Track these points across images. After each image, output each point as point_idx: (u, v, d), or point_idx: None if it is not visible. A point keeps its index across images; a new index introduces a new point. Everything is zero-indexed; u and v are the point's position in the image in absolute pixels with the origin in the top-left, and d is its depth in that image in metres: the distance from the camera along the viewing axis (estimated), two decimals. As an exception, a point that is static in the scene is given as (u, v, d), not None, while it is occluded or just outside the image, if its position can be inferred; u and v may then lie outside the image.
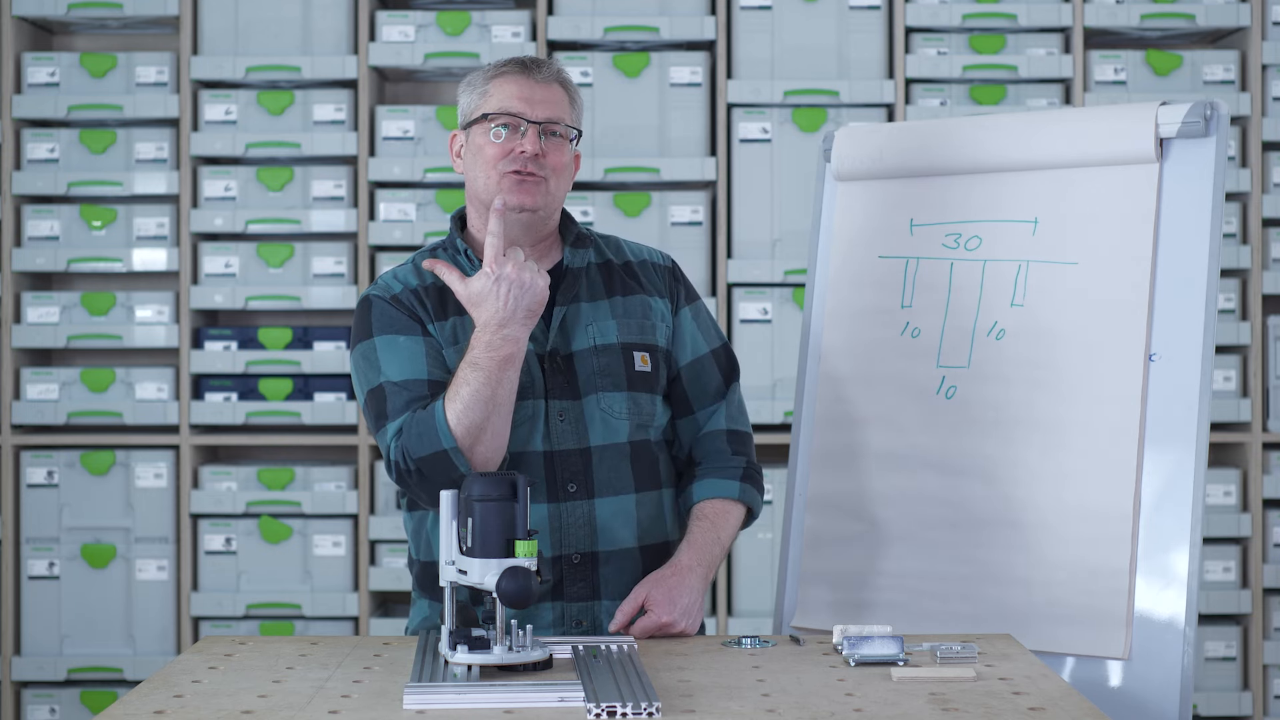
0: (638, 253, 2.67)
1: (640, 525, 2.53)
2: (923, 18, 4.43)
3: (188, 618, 4.41)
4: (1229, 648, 4.39)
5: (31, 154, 4.49)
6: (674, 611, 2.42)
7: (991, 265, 2.77)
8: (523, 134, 2.49)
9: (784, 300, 4.40)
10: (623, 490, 2.52)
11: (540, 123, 2.50)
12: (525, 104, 2.50)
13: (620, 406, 2.52)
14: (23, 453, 4.45)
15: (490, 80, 2.54)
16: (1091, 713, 1.95)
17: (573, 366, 2.52)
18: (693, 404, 2.63)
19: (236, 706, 1.98)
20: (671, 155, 4.44)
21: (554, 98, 2.53)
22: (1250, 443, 4.38)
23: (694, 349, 2.63)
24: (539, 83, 2.52)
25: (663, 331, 2.60)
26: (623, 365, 2.53)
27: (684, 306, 2.65)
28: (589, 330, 2.54)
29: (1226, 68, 4.46)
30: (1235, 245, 4.40)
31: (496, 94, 2.52)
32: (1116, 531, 2.57)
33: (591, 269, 2.60)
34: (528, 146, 2.48)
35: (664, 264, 2.67)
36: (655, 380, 2.57)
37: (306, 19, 4.47)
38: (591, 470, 2.50)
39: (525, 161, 2.48)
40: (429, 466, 2.35)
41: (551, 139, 2.51)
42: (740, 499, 2.60)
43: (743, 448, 2.65)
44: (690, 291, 2.68)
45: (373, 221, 4.44)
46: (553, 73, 2.55)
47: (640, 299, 2.59)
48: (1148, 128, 2.62)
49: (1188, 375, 2.56)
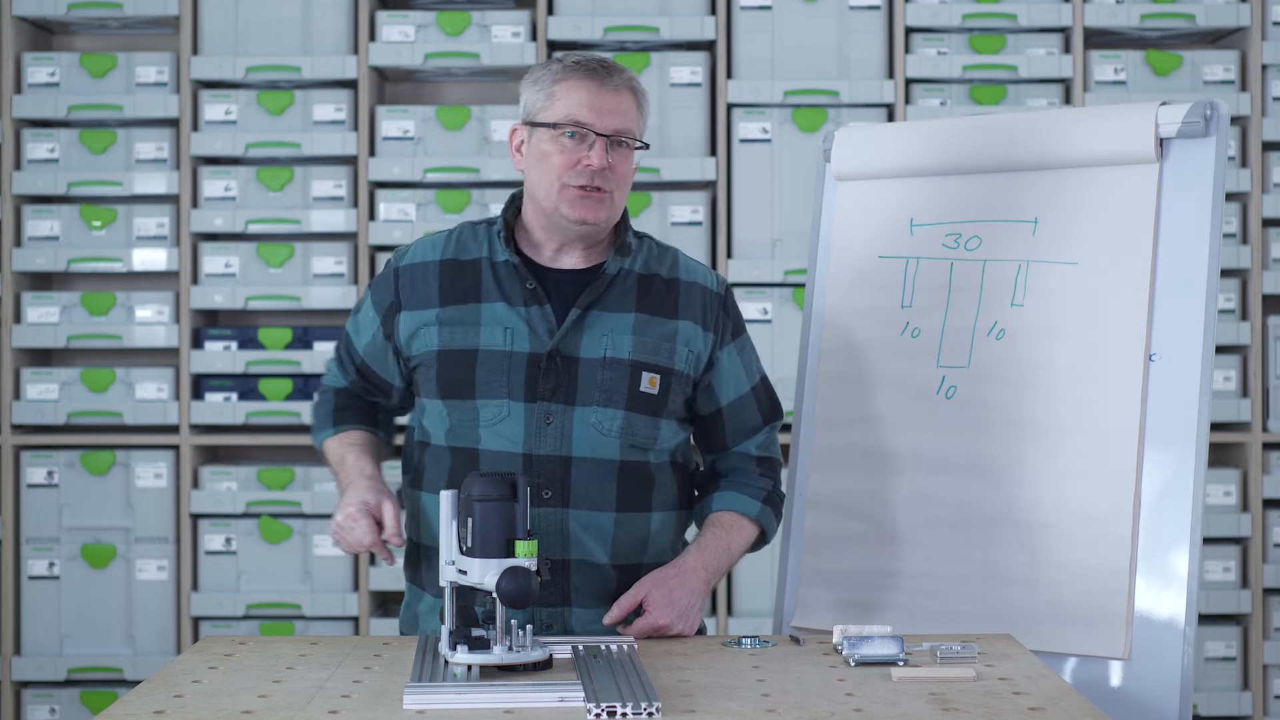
0: (691, 272, 2.57)
1: (616, 544, 2.48)
2: (923, 18, 4.43)
3: (188, 618, 4.41)
4: (1229, 648, 4.39)
5: (31, 154, 4.49)
6: (670, 614, 2.40)
7: (991, 265, 2.77)
8: (590, 146, 2.41)
9: (784, 300, 4.40)
10: (601, 507, 2.47)
11: (609, 135, 2.41)
12: (594, 113, 2.41)
13: (613, 424, 2.46)
14: (23, 453, 4.45)
15: (558, 82, 2.44)
16: (1091, 713, 1.95)
17: (575, 372, 2.46)
18: (728, 440, 2.61)
19: (236, 706, 1.98)
20: (671, 155, 4.44)
21: (623, 107, 2.43)
22: (1250, 443, 4.38)
23: (737, 387, 2.58)
24: (609, 90, 2.42)
25: (684, 357, 2.51)
26: (627, 383, 2.46)
27: (730, 343, 2.57)
28: (603, 340, 2.47)
29: (1226, 68, 4.46)
30: (1235, 245, 4.40)
31: (564, 99, 2.43)
32: (1116, 531, 2.57)
33: (630, 278, 2.52)
34: (595, 160, 2.40)
35: (716, 290, 2.58)
36: (661, 404, 2.49)
37: (306, 19, 4.48)
38: (570, 480, 2.45)
39: (592, 176, 2.41)
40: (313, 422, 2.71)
41: (618, 149, 2.43)
42: (757, 519, 2.57)
43: (770, 472, 2.62)
44: (738, 325, 2.60)
45: (373, 221, 4.44)
46: (624, 80, 2.45)
47: (666, 321, 2.51)
48: (1148, 128, 2.62)
49: (1188, 375, 2.56)
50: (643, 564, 2.51)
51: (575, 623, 2.48)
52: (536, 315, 2.47)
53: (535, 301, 2.47)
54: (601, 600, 2.48)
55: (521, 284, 2.48)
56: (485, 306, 2.48)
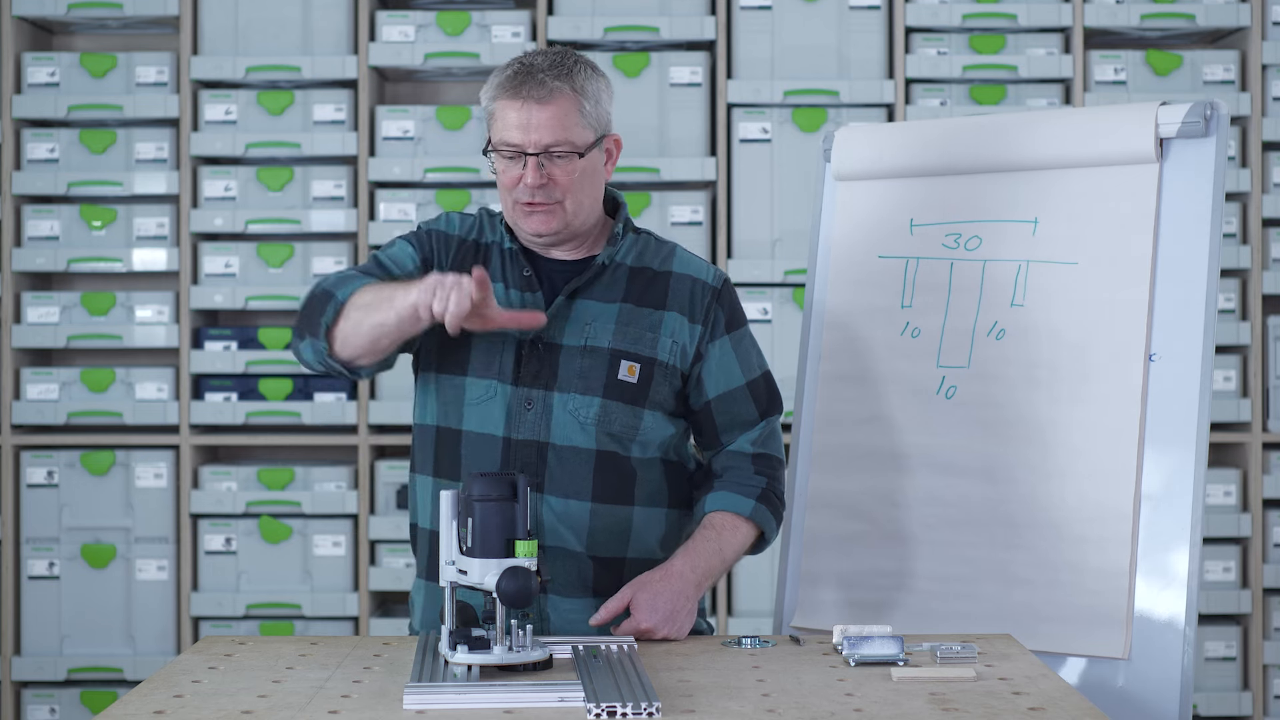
0: (685, 265, 2.58)
1: (593, 534, 2.48)
2: (923, 18, 4.43)
3: (188, 618, 4.41)
4: (1229, 648, 4.39)
5: (31, 154, 4.49)
6: (654, 618, 2.39)
7: (991, 265, 2.77)
8: (524, 164, 2.44)
9: (784, 300, 4.40)
10: (577, 495, 2.47)
11: (539, 153, 2.44)
12: (523, 132, 2.43)
13: (589, 412, 2.48)
14: (23, 453, 4.45)
15: (494, 100, 2.47)
16: (1091, 713, 1.95)
17: (555, 359, 2.49)
18: (720, 436, 2.59)
19: (236, 706, 1.98)
20: (671, 155, 4.44)
21: (553, 116, 2.43)
22: (1250, 443, 4.38)
23: (727, 380, 2.57)
24: (538, 104, 2.43)
25: (668, 348, 2.52)
26: (605, 371, 2.49)
27: (722, 335, 2.57)
28: (585, 329, 2.50)
29: (1226, 68, 4.46)
30: (1235, 245, 4.40)
31: (499, 119, 2.46)
32: (1116, 531, 2.57)
33: (620, 269, 2.54)
34: (529, 178, 2.44)
35: (710, 283, 2.58)
36: (642, 393, 2.50)
37: (306, 19, 4.48)
38: (547, 467, 2.47)
39: (531, 193, 2.45)
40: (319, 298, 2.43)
41: (556, 161, 2.45)
42: (751, 518, 2.54)
43: (766, 469, 2.59)
44: (734, 319, 2.59)
45: (373, 221, 4.44)
46: (549, 89, 2.43)
47: (652, 311, 2.53)
48: (1148, 128, 2.62)
49: (1188, 375, 2.56)
50: (625, 558, 2.51)
51: (551, 610, 2.49)
52: (527, 301, 2.51)
53: (529, 288, 2.52)
54: (578, 590, 2.49)
55: (519, 270, 2.53)
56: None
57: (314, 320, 2.41)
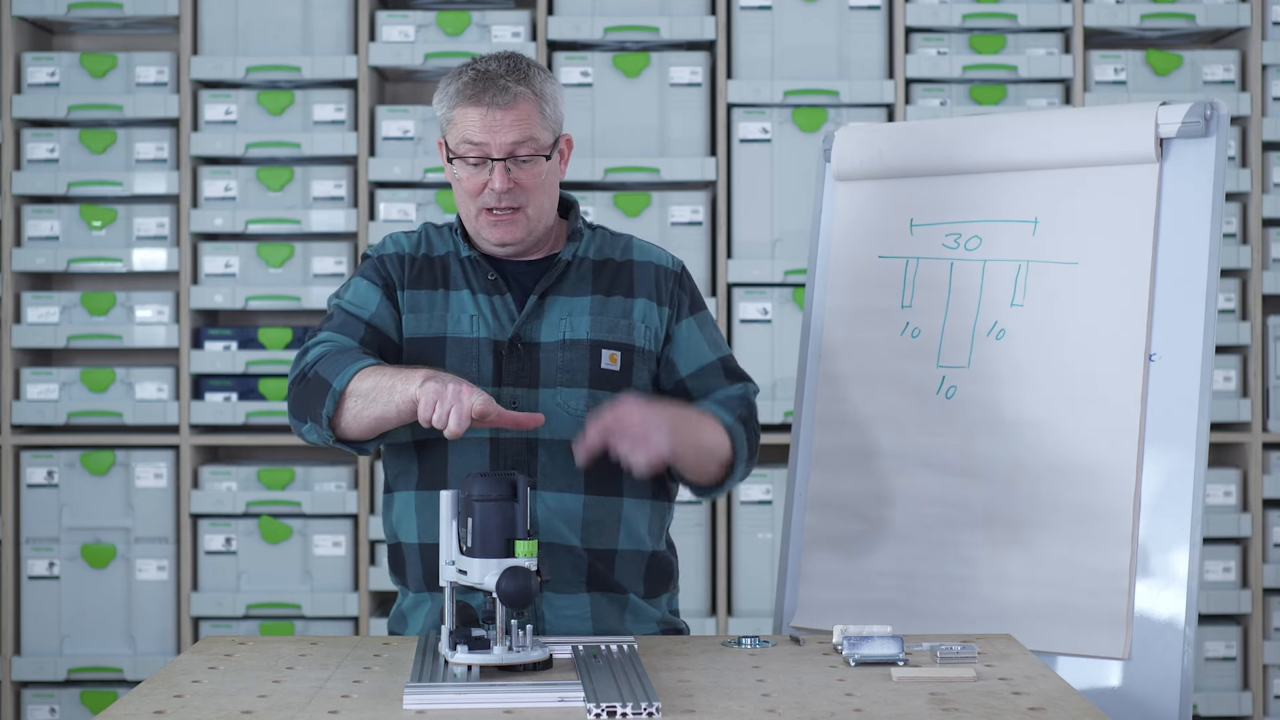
0: (645, 253, 2.64)
1: (587, 527, 2.50)
2: (923, 18, 4.43)
3: (188, 618, 4.41)
4: (1229, 648, 4.39)
5: (31, 154, 4.49)
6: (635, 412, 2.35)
7: (991, 265, 2.77)
8: (491, 169, 2.46)
9: (784, 300, 4.40)
10: (569, 488, 2.49)
11: (505, 157, 2.45)
12: (488, 134, 2.45)
13: (579, 404, 2.50)
14: (23, 453, 4.45)
15: (454, 107, 2.48)
16: (1091, 713, 1.95)
17: (536, 357, 2.51)
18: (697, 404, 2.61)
19: (236, 706, 1.98)
20: (671, 155, 4.44)
21: (517, 118, 2.46)
22: (1250, 443, 4.38)
23: (698, 357, 2.60)
24: (501, 108, 2.45)
25: (642, 333, 2.57)
26: (588, 362, 2.52)
27: (687, 316, 2.62)
28: (561, 324, 2.53)
29: (1226, 68, 4.46)
30: (1235, 245, 4.40)
31: (460, 124, 2.47)
32: (1116, 531, 2.57)
33: (584, 264, 2.59)
34: (496, 183, 2.46)
35: (671, 268, 2.64)
36: (625, 380, 2.53)
37: (306, 19, 4.48)
38: (537, 462, 2.48)
39: (498, 198, 2.47)
40: (314, 385, 2.41)
41: (522, 164, 2.47)
42: (729, 430, 2.53)
43: (742, 408, 2.58)
44: (695, 301, 2.64)
45: (373, 221, 4.44)
46: (512, 94, 2.46)
47: (622, 300, 2.57)
48: (1148, 128, 2.62)
49: (1188, 375, 2.56)
50: (617, 550, 2.53)
51: (546, 607, 2.49)
52: (498, 304, 2.54)
53: (496, 291, 2.54)
54: (575, 587, 2.50)
55: (483, 275, 2.55)
56: (454, 295, 2.55)
57: (314, 409, 2.42)
